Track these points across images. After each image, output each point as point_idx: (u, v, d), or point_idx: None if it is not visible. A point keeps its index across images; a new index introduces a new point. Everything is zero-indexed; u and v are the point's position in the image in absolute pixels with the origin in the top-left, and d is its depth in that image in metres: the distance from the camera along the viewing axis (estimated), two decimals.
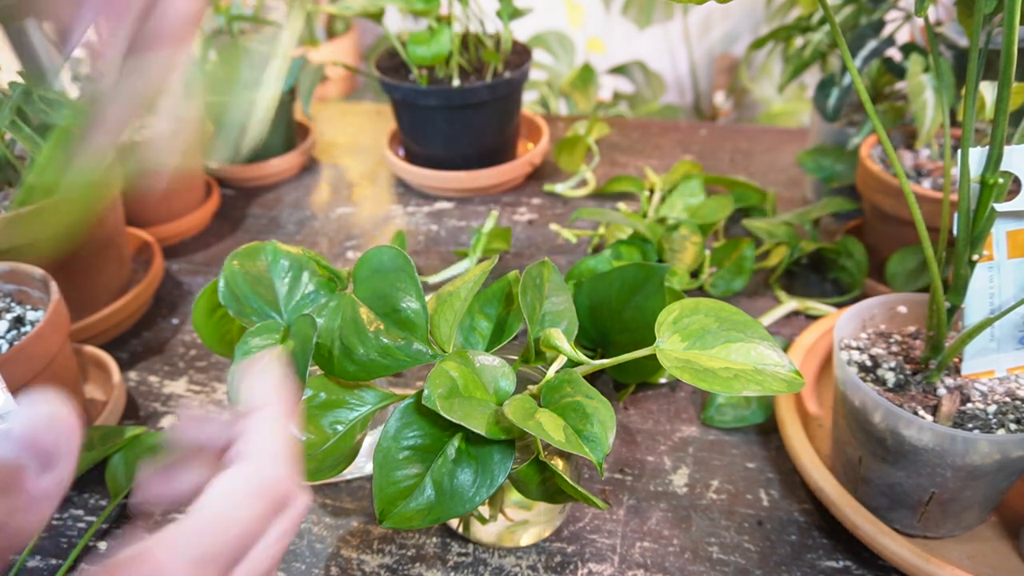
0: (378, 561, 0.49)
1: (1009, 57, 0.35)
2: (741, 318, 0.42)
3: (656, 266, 0.53)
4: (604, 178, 0.93)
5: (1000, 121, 0.37)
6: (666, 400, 0.62)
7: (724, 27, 1.88)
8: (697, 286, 0.72)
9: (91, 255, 0.66)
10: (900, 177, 0.40)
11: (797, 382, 0.39)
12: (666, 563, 0.48)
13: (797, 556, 0.48)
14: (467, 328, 0.48)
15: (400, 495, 0.39)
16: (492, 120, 0.88)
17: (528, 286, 0.46)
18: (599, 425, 0.38)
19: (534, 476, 0.41)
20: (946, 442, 0.41)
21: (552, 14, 1.90)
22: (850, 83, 0.75)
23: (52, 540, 0.52)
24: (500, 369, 0.42)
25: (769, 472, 0.55)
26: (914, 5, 0.38)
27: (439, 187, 0.91)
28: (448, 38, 0.82)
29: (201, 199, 0.89)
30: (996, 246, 0.41)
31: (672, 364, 0.39)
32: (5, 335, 0.52)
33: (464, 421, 0.37)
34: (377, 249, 0.46)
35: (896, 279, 0.66)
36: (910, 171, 0.69)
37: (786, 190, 0.90)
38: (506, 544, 0.50)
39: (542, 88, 1.70)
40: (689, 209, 0.79)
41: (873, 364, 0.47)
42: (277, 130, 0.96)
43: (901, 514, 0.47)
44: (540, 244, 0.83)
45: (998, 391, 0.44)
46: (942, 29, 0.72)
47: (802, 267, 0.77)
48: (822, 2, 0.38)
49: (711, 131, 1.06)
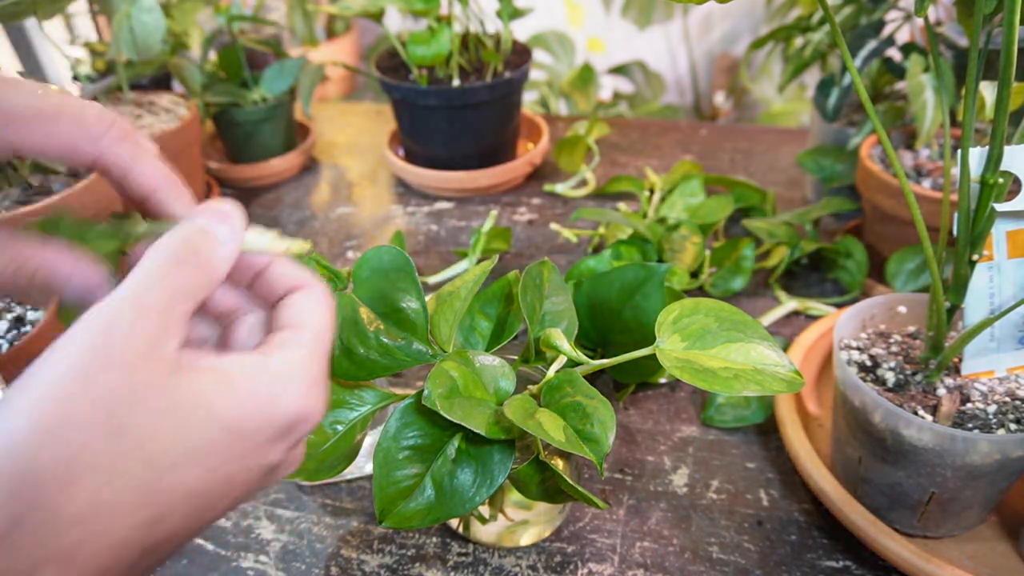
0: (378, 561, 0.49)
1: (1009, 57, 0.35)
2: (741, 318, 0.42)
3: (656, 266, 0.53)
4: (604, 178, 0.93)
5: (1000, 121, 0.37)
6: (666, 400, 0.62)
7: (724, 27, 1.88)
8: (697, 286, 0.72)
9: None
10: (900, 177, 0.40)
11: (797, 382, 0.39)
12: (666, 563, 0.48)
13: (797, 556, 0.49)
14: (467, 328, 0.48)
15: (400, 495, 0.39)
16: (492, 120, 0.88)
17: (528, 286, 0.46)
18: (599, 425, 0.38)
19: (534, 476, 0.41)
20: (946, 442, 0.41)
21: (552, 14, 1.90)
22: (850, 83, 0.75)
23: None
24: (500, 369, 0.42)
25: (769, 472, 0.55)
26: (914, 5, 0.38)
27: (439, 187, 0.91)
28: (448, 38, 0.82)
29: (201, 199, 0.88)
30: (996, 246, 0.41)
31: (672, 364, 0.39)
32: (5, 335, 0.52)
33: (464, 421, 0.37)
34: (377, 249, 0.46)
35: (896, 279, 0.66)
36: (910, 171, 0.69)
37: (786, 190, 0.90)
38: (506, 544, 0.50)
39: (542, 88, 1.70)
40: (689, 209, 0.79)
41: (873, 364, 0.47)
42: (277, 130, 0.96)
43: (901, 514, 0.47)
44: (540, 244, 0.83)
45: (998, 391, 0.44)
46: (942, 29, 0.72)
47: (802, 267, 0.77)
48: (822, 2, 0.38)
49: (711, 131, 1.06)
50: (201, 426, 0.24)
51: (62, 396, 0.21)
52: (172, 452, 0.23)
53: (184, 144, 0.81)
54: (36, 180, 0.66)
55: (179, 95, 0.89)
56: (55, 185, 0.66)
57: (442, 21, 0.84)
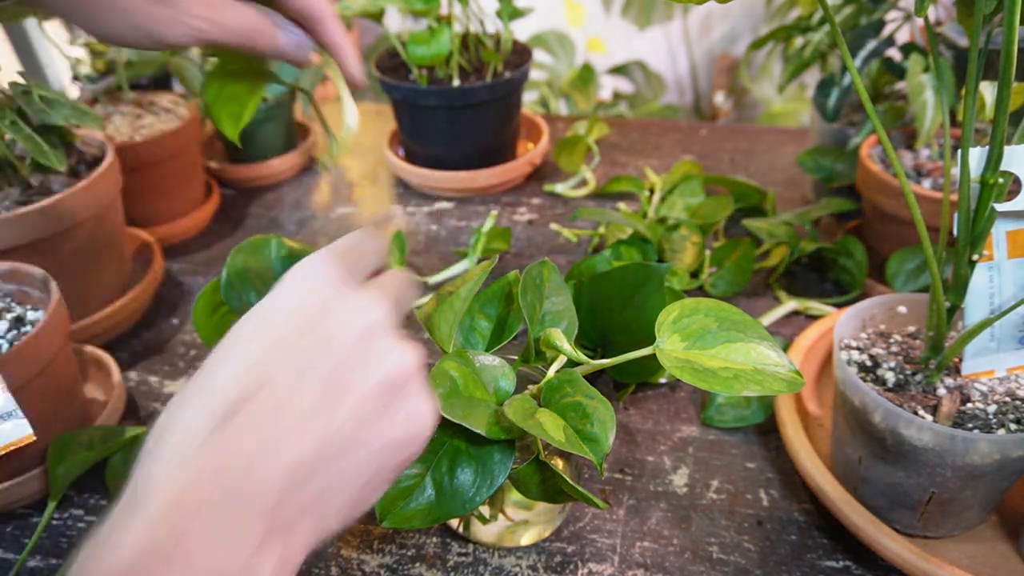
0: (378, 561, 0.49)
1: (1009, 57, 0.35)
2: (741, 318, 0.42)
3: (656, 266, 0.53)
4: (604, 178, 0.93)
5: (1000, 121, 0.37)
6: (666, 400, 0.62)
7: (724, 27, 1.88)
8: (697, 286, 0.72)
9: (91, 255, 0.66)
10: (900, 177, 0.40)
11: (797, 382, 0.39)
12: (666, 563, 0.48)
13: (797, 556, 0.49)
14: (467, 328, 0.48)
15: (400, 495, 0.39)
16: (492, 120, 0.88)
17: (528, 286, 0.46)
18: (599, 425, 0.38)
19: (534, 476, 0.41)
20: (946, 442, 0.41)
21: (552, 14, 1.90)
22: (850, 83, 0.75)
23: (52, 540, 0.52)
24: (500, 369, 0.42)
25: (769, 472, 0.55)
26: (914, 5, 0.38)
27: (439, 187, 0.91)
28: (448, 38, 0.82)
29: (201, 199, 0.89)
30: (996, 246, 0.41)
31: (672, 364, 0.39)
32: (5, 335, 0.52)
33: (464, 421, 0.37)
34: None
35: (896, 279, 0.66)
36: (910, 171, 0.69)
37: (786, 190, 0.90)
38: (506, 544, 0.50)
39: (542, 88, 1.70)
40: (689, 209, 0.79)
41: (873, 364, 0.47)
42: (277, 130, 0.96)
43: (901, 514, 0.47)
44: (540, 244, 0.83)
45: (998, 391, 0.45)
46: (942, 29, 0.72)
47: (802, 267, 0.77)
48: (822, 2, 0.38)
49: (711, 131, 1.06)
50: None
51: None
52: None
53: (184, 144, 0.81)
54: (36, 180, 0.66)
55: (179, 95, 0.89)
56: (55, 185, 0.66)
57: (442, 21, 0.84)
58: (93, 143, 0.71)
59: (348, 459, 0.27)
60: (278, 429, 0.26)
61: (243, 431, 0.25)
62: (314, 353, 0.27)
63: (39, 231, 0.60)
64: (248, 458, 0.25)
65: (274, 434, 0.26)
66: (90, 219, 0.64)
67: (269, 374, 0.27)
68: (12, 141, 0.64)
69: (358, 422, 0.27)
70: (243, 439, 0.25)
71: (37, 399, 0.50)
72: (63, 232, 0.62)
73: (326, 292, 0.30)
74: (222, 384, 0.27)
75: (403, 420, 0.29)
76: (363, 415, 0.28)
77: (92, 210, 0.64)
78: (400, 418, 0.29)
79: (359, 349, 0.28)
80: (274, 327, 0.28)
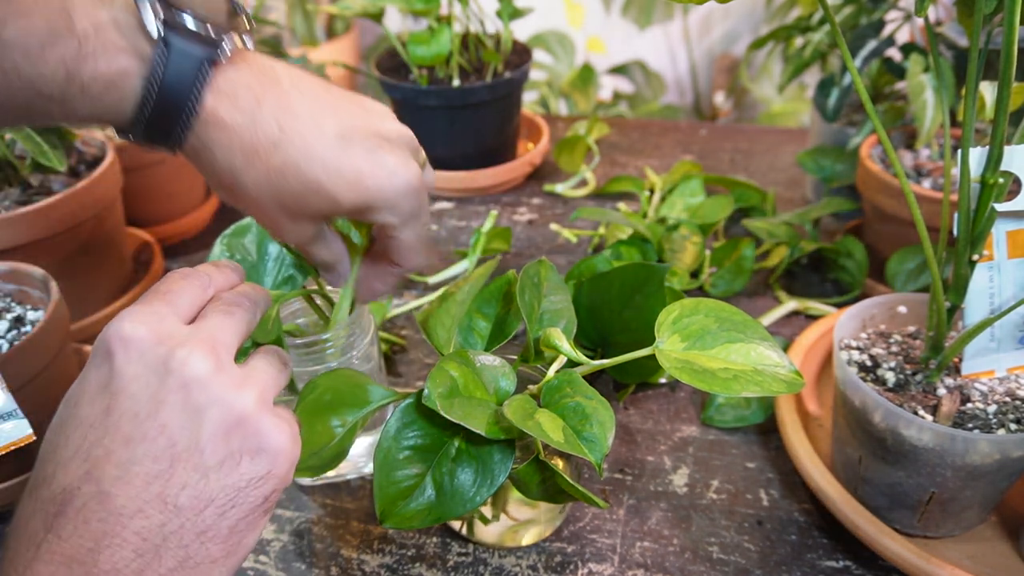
0: (378, 561, 0.49)
1: (1009, 57, 0.35)
2: (741, 318, 0.42)
3: (656, 266, 0.53)
4: (604, 178, 0.93)
5: (1000, 121, 0.37)
6: (666, 400, 0.62)
7: (724, 27, 1.88)
8: (697, 286, 0.72)
9: (91, 255, 0.66)
10: (900, 177, 0.40)
11: (797, 382, 0.39)
12: (666, 563, 0.48)
13: (797, 556, 0.49)
14: (465, 328, 0.48)
15: (400, 495, 0.39)
16: (492, 120, 0.88)
17: (526, 285, 0.46)
18: (598, 426, 0.38)
19: (534, 476, 0.41)
20: (946, 442, 0.41)
21: (552, 14, 1.90)
22: (850, 83, 0.75)
23: None
24: (500, 369, 0.42)
25: (769, 472, 0.55)
26: (914, 5, 0.38)
27: (439, 187, 0.91)
28: (448, 38, 0.82)
29: (201, 199, 0.89)
30: (996, 246, 0.41)
31: (672, 364, 0.39)
32: (5, 335, 0.52)
33: (464, 421, 0.37)
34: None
35: (896, 279, 0.66)
36: (910, 171, 0.69)
37: (786, 190, 0.90)
38: (507, 544, 0.50)
39: (542, 88, 1.70)
40: (689, 209, 0.79)
41: (873, 364, 0.47)
42: None
43: (901, 514, 0.47)
44: (540, 244, 0.83)
45: (998, 391, 0.45)
46: (942, 29, 0.72)
47: (802, 267, 0.77)
48: (822, 2, 0.38)
49: (711, 131, 1.06)
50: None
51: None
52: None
53: None
54: (36, 180, 0.66)
55: None
56: (55, 185, 0.66)
57: (442, 21, 0.84)
58: (93, 143, 0.71)
59: (200, 519, 0.28)
60: (110, 519, 0.27)
61: (76, 527, 0.27)
62: (135, 427, 0.29)
63: (39, 231, 0.60)
64: (90, 552, 0.27)
65: (108, 522, 0.27)
66: (90, 219, 0.64)
67: (94, 458, 0.28)
68: (12, 141, 0.64)
69: (196, 481, 0.29)
70: (80, 535, 0.27)
71: (37, 399, 0.50)
72: (63, 232, 0.62)
73: (135, 370, 0.29)
74: (51, 475, 0.28)
75: (248, 461, 0.30)
76: (201, 472, 0.29)
77: (92, 210, 0.64)
78: (245, 461, 0.30)
79: (180, 411, 0.29)
80: (88, 408, 0.29)
